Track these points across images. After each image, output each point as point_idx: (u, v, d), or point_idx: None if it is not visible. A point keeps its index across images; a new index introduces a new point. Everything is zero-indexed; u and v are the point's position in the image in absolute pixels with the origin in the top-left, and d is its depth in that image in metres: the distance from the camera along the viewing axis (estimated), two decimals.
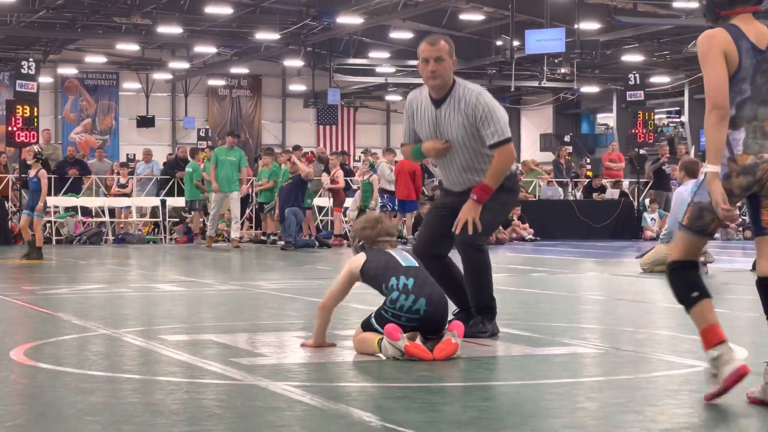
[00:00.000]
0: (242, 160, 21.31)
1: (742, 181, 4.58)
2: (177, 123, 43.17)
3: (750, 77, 4.60)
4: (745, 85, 4.60)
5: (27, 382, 5.33)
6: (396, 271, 6.05)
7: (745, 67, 4.59)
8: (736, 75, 4.59)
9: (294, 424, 4.22)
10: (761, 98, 4.62)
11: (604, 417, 4.36)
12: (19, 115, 21.95)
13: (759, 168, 4.56)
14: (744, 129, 4.59)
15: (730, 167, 4.56)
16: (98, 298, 10.20)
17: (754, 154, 4.56)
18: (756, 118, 4.60)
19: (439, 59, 6.81)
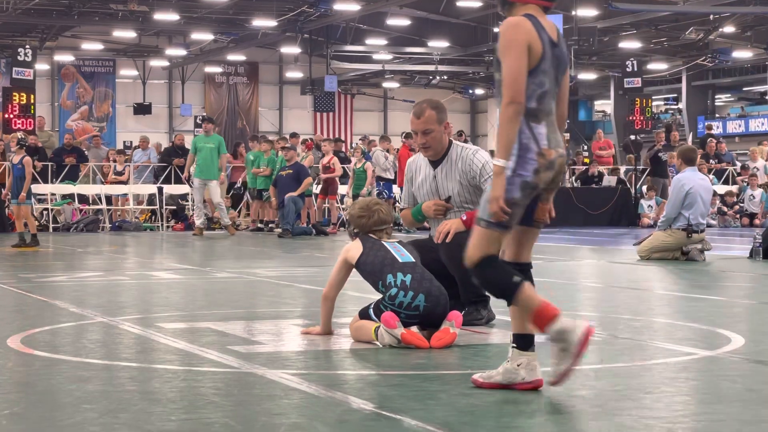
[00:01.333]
0: (221, 146, 21.22)
1: (548, 176, 4.50)
2: (174, 110, 43.14)
3: (549, 70, 4.53)
4: (544, 77, 4.51)
5: (24, 369, 5.33)
6: (393, 268, 6.04)
7: (545, 59, 4.50)
8: (539, 67, 4.49)
9: (291, 412, 4.22)
10: (554, 93, 4.58)
11: (600, 404, 4.36)
12: (15, 102, 21.96)
13: (556, 163, 4.52)
14: (545, 123, 4.52)
15: (539, 162, 4.45)
16: (95, 286, 10.20)
17: (554, 148, 4.51)
18: (551, 112, 4.56)
19: (427, 131, 6.76)
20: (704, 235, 13.39)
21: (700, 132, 37.46)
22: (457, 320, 5.95)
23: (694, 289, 10.04)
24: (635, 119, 26.10)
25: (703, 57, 37.90)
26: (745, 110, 44.31)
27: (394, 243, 6.28)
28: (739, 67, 41.49)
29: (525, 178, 4.43)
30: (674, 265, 12.51)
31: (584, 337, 4.39)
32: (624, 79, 26.66)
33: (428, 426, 3.89)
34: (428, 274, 6.11)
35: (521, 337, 4.59)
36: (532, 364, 4.57)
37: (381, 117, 46.40)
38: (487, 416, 4.12)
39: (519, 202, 4.45)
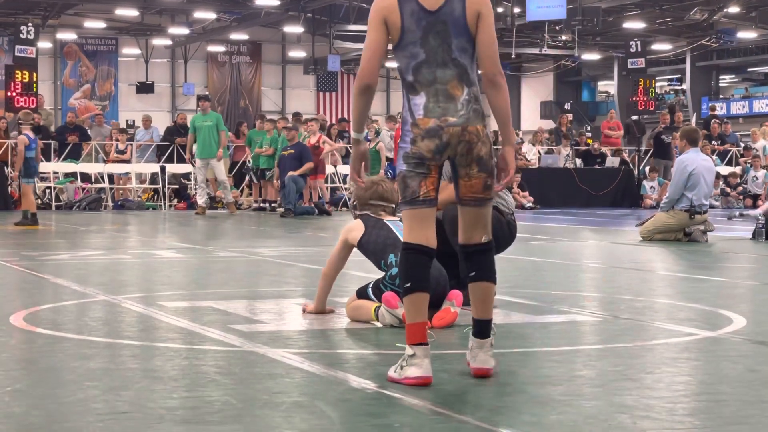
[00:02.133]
0: (219, 123, 21.18)
1: (429, 144, 4.38)
2: (176, 89, 43.07)
3: (420, 40, 4.42)
4: (416, 48, 4.42)
5: (26, 347, 5.34)
6: (395, 248, 6.05)
7: (410, 30, 4.41)
8: (403, 39, 4.43)
9: (292, 391, 4.23)
10: (439, 60, 4.44)
11: (601, 384, 4.37)
12: (18, 81, 21.93)
13: (444, 131, 4.39)
14: (424, 93, 4.43)
15: (413, 132, 4.40)
16: (98, 265, 10.21)
17: (436, 117, 4.40)
18: (436, 81, 4.43)
19: None
20: (707, 216, 13.38)
21: (704, 113, 37.38)
22: (457, 299, 5.96)
23: (696, 270, 10.04)
24: (639, 100, 26.03)
25: (707, 37, 37.78)
26: (749, 91, 44.24)
27: (396, 222, 6.29)
28: (743, 47, 41.38)
29: (404, 149, 4.43)
30: (676, 246, 12.51)
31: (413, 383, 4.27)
32: (628, 60, 26.57)
33: (429, 405, 3.90)
34: None
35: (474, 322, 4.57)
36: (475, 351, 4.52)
37: (384, 97, 46.32)
38: (488, 396, 4.13)
39: (408, 174, 4.41)
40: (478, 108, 4.46)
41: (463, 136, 4.41)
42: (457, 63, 4.45)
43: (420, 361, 4.30)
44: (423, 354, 4.31)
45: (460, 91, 4.44)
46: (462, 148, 4.42)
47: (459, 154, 4.43)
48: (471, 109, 4.43)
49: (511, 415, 3.82)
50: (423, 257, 4.45)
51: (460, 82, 4.44)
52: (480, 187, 4.47)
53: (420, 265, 4.44)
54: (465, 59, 4.46)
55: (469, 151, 4.42)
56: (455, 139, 4.40)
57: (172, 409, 3.85)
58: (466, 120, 4.41)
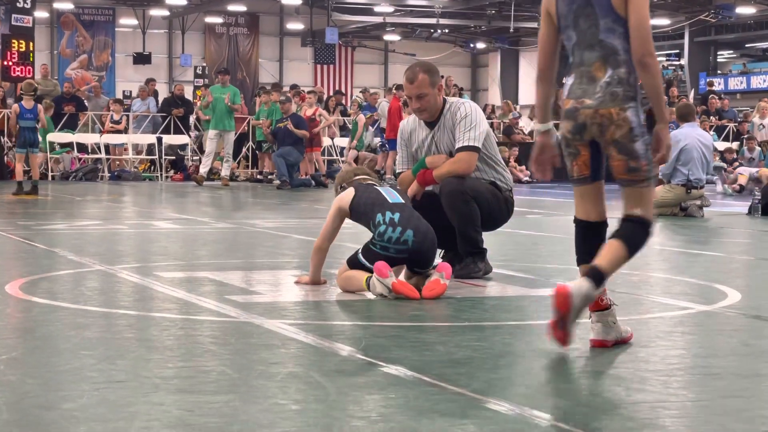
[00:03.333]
0: (235, 97, 21.21)
1: (568, 126, 4.53)
2: (174, 60, 42.95)
3: (572, 23, 4.53)
4: (570, 31, 4.55)
5: (22, 316, 5.35)
6: (382, 208, 6.10)
7: (563, 14, 4.54)
8: (560, 25, 4.57)
9: (288, 361, 4.24)
10: (587, 42, 4.52)
11: (596, 357, 4.38)
12: (14, 50, 21.85)
13: (579, 113, 4.48)
14: (574, 74, 4.56)
15: (559, 113, 4.56)
16: (94, 235, 10.21)
17: (575, 98, 4.50)
18: (583, 63, 4.53)
19: (421, 96, 6.72)
20: (703, 191, 13.40)
21: (702, 88, 37.32)
22: (446, 272, 5.98)
23: (691, 245, 10.05)
24: None
25: (705, 13, 37.67)
26: (747, 67, 44.14)
27: (385, 187, 6.36)
28: (741, 23, 41.26)
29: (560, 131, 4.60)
30: (672, 221, 12.52)
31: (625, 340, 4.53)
32: None
33: (424, 377, 3.91)
34: (417, 214, 6.18)
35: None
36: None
37: (381, 70, 46.22)
38: (483, 368, 4.14)
39: (564, 155, 4.63)
40: (617, 91, 4.47)
41: (594, 119, 4.47)
42: (604, 44, 4.50)
43: (594, 326, 4.52)
44: (597, 318, 4.53)
45: (603, 73, 4.50)
46: (595, 131, 4.49)
47: (594, 136, 4.50)
48: (608, 92, 4.47)
49: (505, 387, 3.83)
50: (585, 230, 4.61)
51: (603, 64, 4.50)
52: (622, 170, 4.49)
53: (582, 238, 4.62)
54: (614, 40, 4.49)
55: (602, 134, 4.48)
56: (589, 120, 4.49)
57: (167, 379, 3.86)
58: (600, 103, 4.46)
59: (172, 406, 3.46)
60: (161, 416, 3.33)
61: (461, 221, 6.71)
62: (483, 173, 6.88)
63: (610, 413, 3.47)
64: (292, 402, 3.55)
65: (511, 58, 45.72)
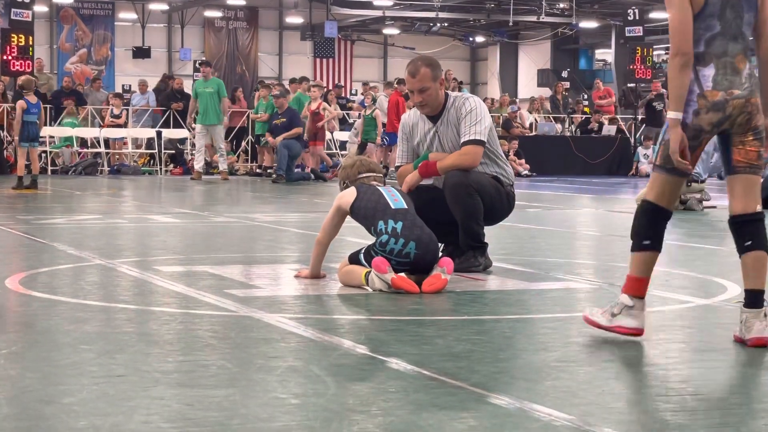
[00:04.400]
0: (221, 89, 21.13)
1: (712, 118, 4.51)
2: (173, 54, 42.92)
3: (718, 12, 4.51)
4: (713, 20, 4.51)
5: (22, 310, 5.35)
6: (384, 215, 6.05)
7: (713, 2, 4.50)
8: (704, 10, 4.50)
9: (287, 355, 4.24)
10: (732, 33, 4.54)
11: (596, 351, 4.38)
12: (14, 44, 21.79)
13: (729, 104, 4.50)
14: (713, 65, 4.52)
15: (699, 103, 4.50)
16: (93, 229, 10.21)
17: (723, 90, 4.50)
18: (726, 53, 4.53)
19: (423, 89, 6.73)
20: (704, 185, 13.39)
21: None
22: (448, 267, 5.97)
23: (691, 239, 10.05)
24: (636, 68, 25.95)
25: None
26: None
27: (388, 187, 6.30)
28: None
29: (684, 119, 4.50)
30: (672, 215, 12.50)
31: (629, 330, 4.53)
32: (625, 28, 26.49)
33: (424, 370, 3.91)
34: (419, 221, 6.11)
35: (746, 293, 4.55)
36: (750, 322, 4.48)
37: (381, 63, 46.16)
38: (483, 362, 4.14)
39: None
40: (756, 81, 4.60)
41: (746, 108, 4.53)
42: (745, 37, 4.58)
43: (638, 313, 4.54)
44: (641, 307, 4.55)
45: (744, 65, 4.56)
46: (742, 119, 4.54)
47: (738, 124, 4.54)
48: (753, 82, 4.57)
49: (505, 380, 3.83)
50: (664, 221, 4.69)
51: (744, 56, 4.58)
52: (755, 156, 4.58)
53: (661, 227, 4.68)
54: (750, 34, 4.60)
55: (749, 121, 4.55)
56: (737, 110, 4.52)
57: (167, 373, 3.86)
58: (750, 92, 4.54)
59: (171, 400, 3.46)
60: (161, 410, 3.33)
61: (464, 214, 6.72)
62: (486, 167, 6.88)
63: (609, 407, 3.48)
64: (292, 396, 3.55)
65: (510, 51, 45.66)
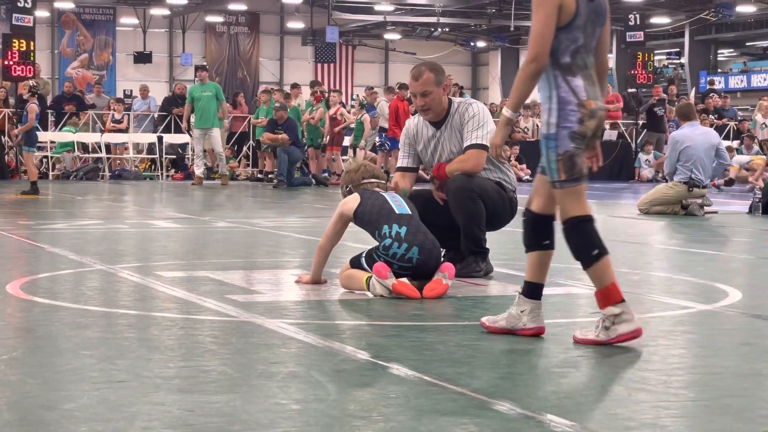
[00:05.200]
0: (219, 93, 21.15)
1: (592, 124, 4.63)
2: (174, 59, 42.96)
3: (583, 25, 4.63)
4: (578, 33, 4.62)
5: (23, 316, 5.34)
6: (389, 219, 6.06)
7: (582, 14, 4.60)
8: (573, 22, 4.60)
9: (288, 361, 4.23)
10: (589, 47, 4.68)
11: (597, 357, 4.38)
12: (15, 49, 21.82)
13: (598, 113, 4.65)
14: (581, 76, 4.64)
15: (581, 112, 4.59)
16: (94, 234, 10.21)
17: (593, 99, 4.64)
18: (587, 66, 4.67)
19: (426, 93, 6.76)
20: (705, 191, 13.39)
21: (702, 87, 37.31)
22: (449, 272, 5.97)
23: (692, 244, 10.05)
24: (637, 73, 25.96)
25: (706, 11, 37.66)
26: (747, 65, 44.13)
27: (391, 193, 6.30)
28: (742, 21, 41.26)
29: (571, 128, 4.59)
30: (673, 220, 12.52)
31: (630, 335, 4.54)
32: (626, 33, 26.49)
33: (425, 376, 3.91)
34: (423, 227, 6.12)
35: (531, 285, 4.74)
36: (536, 311, 4.73)
37: (382, 68, 46.21)
38: (484, 367, 4.14)
39: (575, 153, 4.62)
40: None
41: (604, 118, 4.77)
42: (594, 51, 4.73)
43: (629, 316, 4.56)
44: (629, 309, 4.58)
45: (596, 77, 4.72)
46: (600, 130, 4.77)
47: (597, 136, 4.76)
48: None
49: (506, 386, 3.83)
50: (594, 225, 4.70)
51: (594, 70, 4.72)
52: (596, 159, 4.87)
53: (597, 233, 4.68)
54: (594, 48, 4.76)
55: (600, 132, 4.77)
56: (601, 121, 4.72)
57: (168, 378, 3.86)
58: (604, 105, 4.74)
59: (172, 406, 3.46)
60: (162, 416, 3.33)
61: (467, 219, 6.72)
62: (489, 173, 6.89)
63: (610, 413, 3.47)
64: (293, 402, 3.55)
65: (511, 56, 45.70)
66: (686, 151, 13.20)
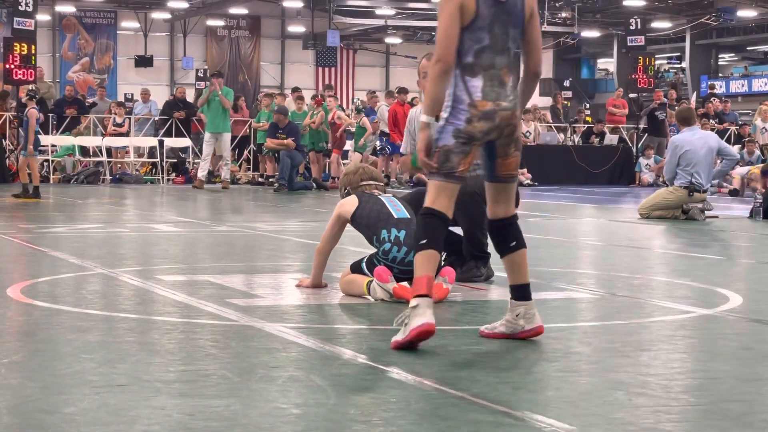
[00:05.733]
0: (229, 95, 21.41)
1: (483, 126, 4.68)
2: (175, 63, 42.97)
3: (488, 26, 4.69)
4: (483, 33, 4.69)
5: (23, 319, 5.34)
6: (387, 224, 6.06)
7: (483, 15, 4.67)
8: (474, 23, 4.67)
9: (289, 365, 4.23)
10: (499, 47, 4.74)
11: (598, 361, 4.38)
12: (16, 53, 21.81)
13: (497, 115, 4.69)
14: (482, 76, 4.70)
15: (471, 112, 4.67)
16: (95, 238, 10.21)
17: (492, 101, 4.69)
18: (494, 66, 4.73)
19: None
20: (706, 195, 13.39)
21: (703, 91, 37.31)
22: (450, 276, 5.97)
23: (693, 248, 10.05)
24: (638, 78, 25.93)
25: (707, 16, 37.66)
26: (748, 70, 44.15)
27: (390, 197, 6.30)
28: (743, 26, 41.27)
29: (457, 126, 4.66)
30: (674, 224, 12.52)
31: (418, 332, 4.48)
32: (627, 37, 26.48)
33: (425, 380, 3.90)
34: None
35: (517, 288, 4.83)
36: (530, 313, 4.79)
37: (383, 72, 46.21)
38: (484, 372, 4.14)
39: (454, 150, 4.65)
40: (517, 95, 4.83)
41: (512, 120, 4.74)
42: (510, 52, 4.80)
43: (423, 311, 4.52)
44: (426, 305, 4.54)
45: (509, 78, 4.79)
46: (509, 130, 4.75)
47: (505, 135, 4.74)
48: (516, 95, 4.82)
49: (507, 390, 3.83)
50: (441, 224, 4.68)
51: (509, 70, 4.79)
52: (515, 165, 4.84)
53: (436, 228, 4.65)
54: (515, 49, 4.85)
55: (513, 133, 4.77)
56: (505, 122, 4.72)
57: (168, 382, 3.86)
58: (515, 105, 4.77)
59: (173, 410, 3.46)
60: (162, 420, 3.33)
61: (469, 222, 6.73)
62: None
63: (611, 417, 3.47)
64: (293, 406, 3.55)
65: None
66: (686, 155, 13.20)
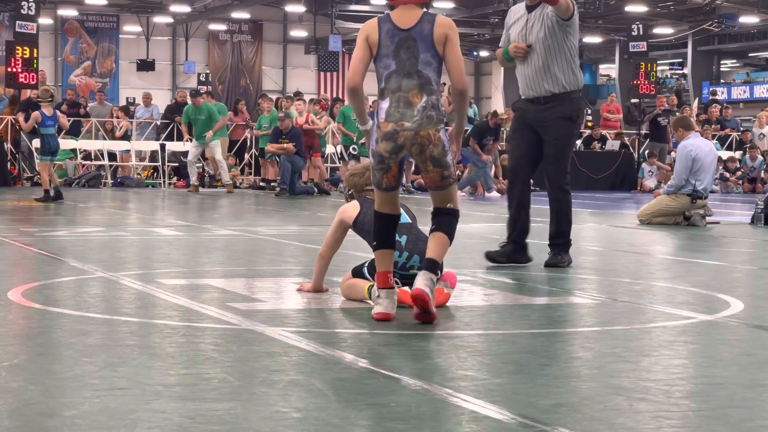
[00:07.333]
0: (213, 115, 21.31)
1: (386, 146, 5.24)
2: (177, 67, 43.01)
3: (392, 53, 5.26)
4: (389, 60, 5.27)
5: (24, 322, 5.35)
6: None
7: (384, 44, 5.27)
8: (380, 52, 5.29)
9: (290, 369, 4.23)
10: (406, 71, 5.25)
11: (599, 366, 4.38)
12: (18, 56, 21.85)
13: (399, 135, 5.23)
14: (389, 99, 5.22)
15: (377, 133, 5.23)
16: (97, 241, 10.21)
17: (394, 122, 5.19)
18: (400, 89, 5.22)
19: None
20: (707, 201, 13.39)
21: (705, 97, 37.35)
22: (452, 281, 5.97)
23: (694, 254, 10.04)
24: (640, 84, 25.96)
25: (709, 22, 37.70)
26: (750, 76, 44.19)
27: None
28: (745, 32, 41.32)
29: (372, 147, 5.35)
30: (675, 230, 12.51)
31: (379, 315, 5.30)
32: (629, 43, 26.51)
33: (426, 385, 3.90)
34: (423, 236, 6.11)
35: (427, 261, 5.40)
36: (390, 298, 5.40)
37: None
38: (486, 377, 4.14)
39: (375, 167, 5.33)
40: (432, 115, 5.23)
41: (416, 140, 5.23)
42: (421, 74, 5.25)
43: (382, 301, 5.29)
44: (386, 296, 5.31)
45: (419, 99, 5.21)
46: (415, 150, 5.25)
47: (414, 154, 5.27)
48: (425, 116, 5.21)
49: (508, 396, 3.83)
50: (391, 222, 5.42)
51: (420, 91, 5.23)
52: (437, 179, 5.34)
53: (388, 228, 5.41)
54: (429, 72, 5.27)
55: (422, 152, 5.24)
56: (408, 141, 5.22)
57: (169, 386, 3.86)
58: (419, 125, 5.21)
59: (173, 414, 3.45)
60: (163, 424, 3.33)
61: (560, 213, 7.87)
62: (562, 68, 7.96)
63: (612, 423, 3.47)
64: (294, 410, 3.55)
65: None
66: (696, 161, 13.16)
